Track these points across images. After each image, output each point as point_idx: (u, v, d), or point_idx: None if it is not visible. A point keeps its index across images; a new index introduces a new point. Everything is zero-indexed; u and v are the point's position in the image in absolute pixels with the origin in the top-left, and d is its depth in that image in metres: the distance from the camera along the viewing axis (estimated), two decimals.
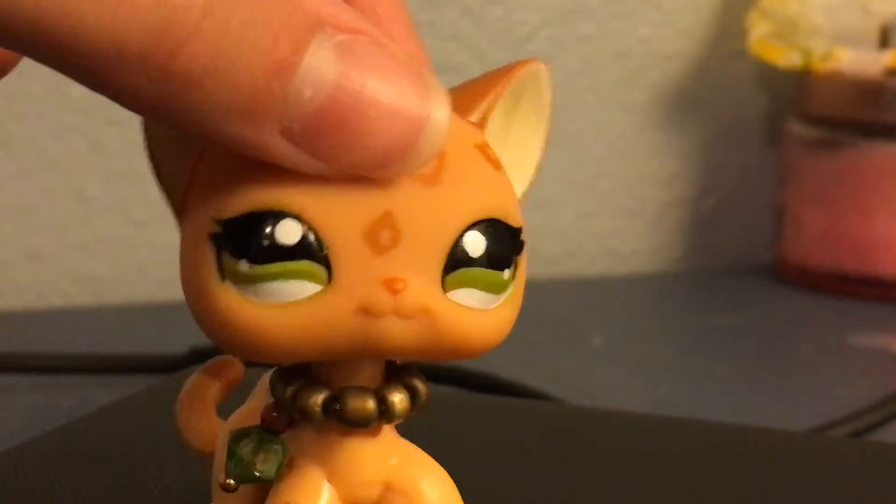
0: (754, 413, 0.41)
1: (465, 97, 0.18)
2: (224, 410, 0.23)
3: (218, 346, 0.18)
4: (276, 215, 0.16)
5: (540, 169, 0.20)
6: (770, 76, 0.63)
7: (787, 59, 0.58)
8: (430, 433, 0.20)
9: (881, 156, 0.56)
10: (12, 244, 0.53)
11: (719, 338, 0.51)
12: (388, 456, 0.19)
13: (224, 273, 0.17)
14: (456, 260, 0.17)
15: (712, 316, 0.55)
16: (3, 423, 0.38)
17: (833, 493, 0.28)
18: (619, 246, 0.63)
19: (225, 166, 0.17)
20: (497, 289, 0.18)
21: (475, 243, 0.17)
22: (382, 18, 0.21)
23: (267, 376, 0.21)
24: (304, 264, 0.17)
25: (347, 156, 0.16)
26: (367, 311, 0.17)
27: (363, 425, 0.18)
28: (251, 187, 0.17)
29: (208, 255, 0.17)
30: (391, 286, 0.17)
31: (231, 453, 0.19)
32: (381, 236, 0.17)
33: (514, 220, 0.18)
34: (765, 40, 0.58)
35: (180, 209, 0.18)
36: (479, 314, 0.17)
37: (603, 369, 0.46)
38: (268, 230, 0.16)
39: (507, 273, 0.18)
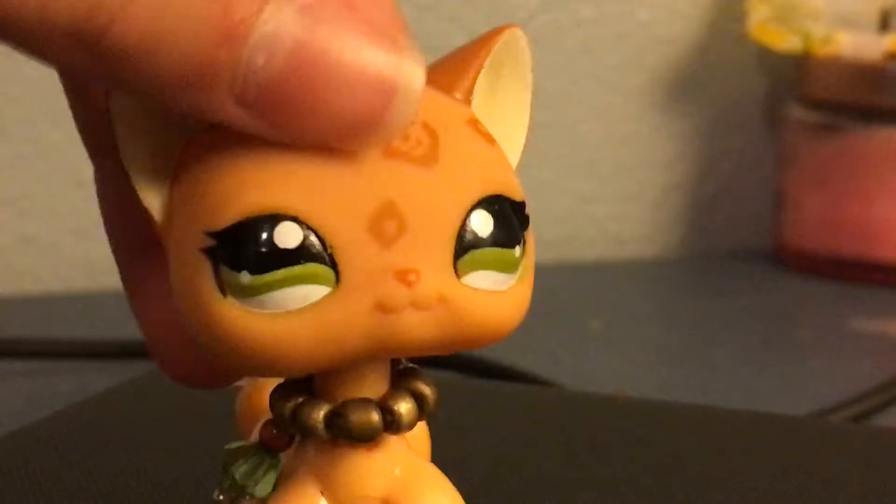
0: (754, 397, 0.41)
1: (447, 73, 0.18)
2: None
3: (228, 366, 0.17)
4: (273, 219, 0.15)
5: (527, 139, 0.19)
6: (770, 60, 0.63)
7: (786, 42, 0.57)
8: (426, 419, 0.20)
9: (881, 140, 0.56)
10: (8, 229, 0.53)
11: (719, 322, 0.51)
12: (391, 468, 0.18)
13: (224, 288, 0.16)
14: (466, 242, 0.16)
15: (712, 301, 0.55)
16: (1, 408, 0.38)
17: (833, 477, 0.28)
18: (619, 230, 0.63)
19: (206, 175, 0.16)
20: (510, 267, 0.17)
21: (483, 222, 0.16)
22: None
23: None
24: (310, 267, 0.16)
25: (309, 124, 0.15)
26: (383, 308, 0.16)
27: (369, 439, 0.17)
28: (240, 192, 0.16)
29: (205, 271, 0.16)
30: (405, 278, 0.16)
31: (225, 472, 0.18)
32: (386, 227, 0.16)
33: (517, 194, 0.17)
34: (764, 24, 0.58)
35: (164, 229, 0.17)
36: (496, 296, 0.17)
37: (601, 354, 0.46)
38: (265, 236, 0.15)
39: (517, 250, 0.17)
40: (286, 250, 0.15)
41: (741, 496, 0.27)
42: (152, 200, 0.17)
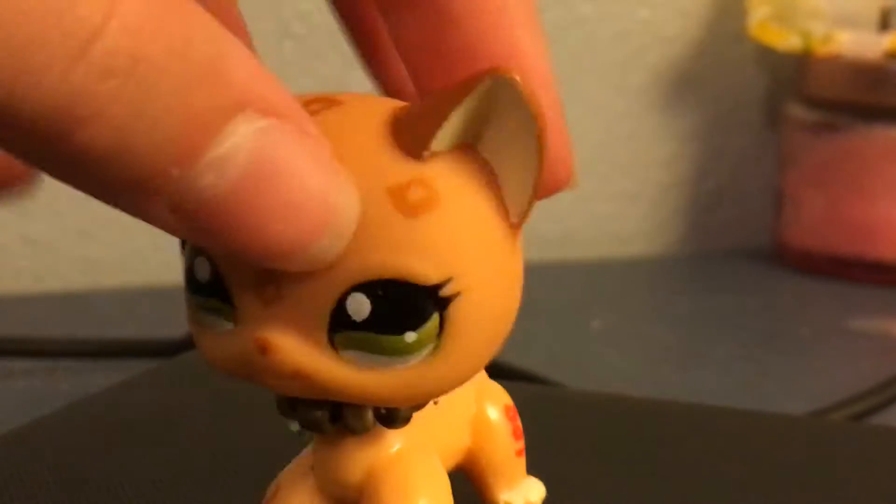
0: (753, 396, 0.41)
1: (410, 121, 0.16)
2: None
3: None
4: (195, 252, 0.17)
5: (536, 193, 0.17)
6: (770, 59, 0.63)
7: (786, 41, 0.57)
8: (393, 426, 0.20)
9: (881, 139, 0.56)
10: (10, 229, 0.53)
11: (718, 321, 0.51)
12: (371, 457, 0.19)
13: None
14: (339, 322, 0.16)
15: (711, 299, 0.55)
16: (1, 408, 0.38)
17: (832, 476, 0.28)
18: (619, 229, 0.63)
19: None
20: (397, 352, 0.16)
21: (357, 307, 0.16)
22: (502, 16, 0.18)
23: None
24: (214, 302, 0.17)
25: (238, 242, 0.15)
26: (247, 365, 0.17)
27: (319, 431, 0.18)
28: None
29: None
30: (260, 348, 0.16)
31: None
32: (267, 289, 0.16)
33: (425, 275, 0.16)
34: (765, 23, 0.58)
35: None
36: (376, 375, 0.16)
37: (602, 352, 0.46)
38: (190, 265, 0.17)
39: (410, 336, 0.16)
40: (200, 282, 0.17)
41: (740, 495, 0.27)
42: None
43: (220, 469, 0.27)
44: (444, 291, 0.16)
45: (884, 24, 0.58)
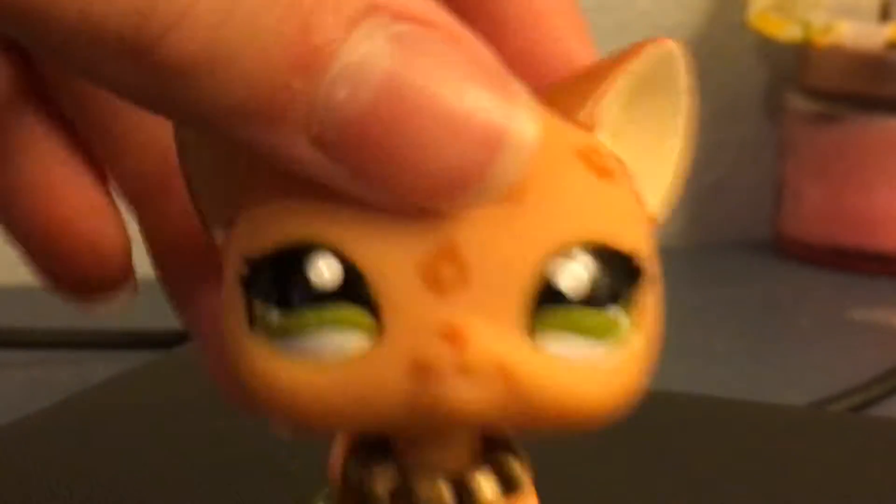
0: (753, 387, 0.41)
1: (572, 91, 0.15)
2: None
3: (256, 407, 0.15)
4: (309, 250, 0.13)
5: (680, 175, 0.16)
6: (770, 49, 0.62)
7: (787, 32, 0.57)
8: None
9: (882, 129, 0.55)
10: None
11: (718, 312, 0.51)
12: None
13: (254, 321, 0.14)
14: (543, 297, 0.13)
15: (711, 290, 0.55)
16: (1, 399, 0.38)
17: (832, 468, 0.28)
18: None
19: (259, 196, 0.14)
20: (601, 332, 0.14)
21: (568, 275, 0.13)
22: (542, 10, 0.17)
23: None
24: (346, 311, 0.13)
25: (396, 176, 0.12)
26: (422, 370, 0.13)
27: None
28: (279, 219, 0.13)
29: (238, 300, 0.14)
30: (452, 337, 0.13)
31: None
32: (443, 273, 0.13)
33: (627, 242, 0.14)
34: (765, 13, 0.58)
35: (223, 252, 0.15)
36: (584, 368, 0.14)
37: None
38: (298, 269, 0.13)
39: (613, 311, 0.14)
40: (321, 288, 0.13)
41: (740, 486, 0.27)
42: (216, 223, 0.15)
43: (219, 461, 0.27)
44: (637, 263, 0.14)
45: (884, 15, 0.58)
